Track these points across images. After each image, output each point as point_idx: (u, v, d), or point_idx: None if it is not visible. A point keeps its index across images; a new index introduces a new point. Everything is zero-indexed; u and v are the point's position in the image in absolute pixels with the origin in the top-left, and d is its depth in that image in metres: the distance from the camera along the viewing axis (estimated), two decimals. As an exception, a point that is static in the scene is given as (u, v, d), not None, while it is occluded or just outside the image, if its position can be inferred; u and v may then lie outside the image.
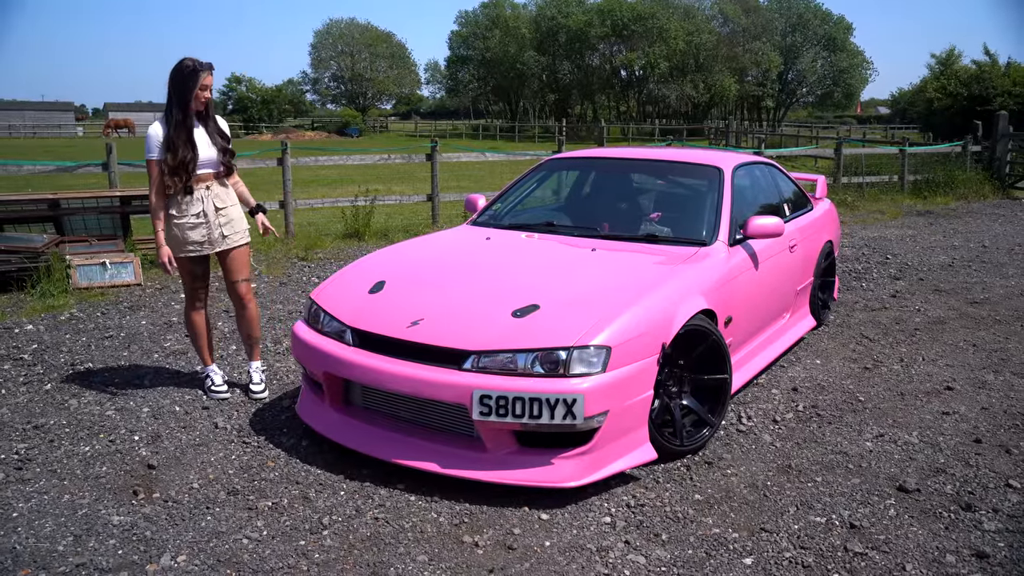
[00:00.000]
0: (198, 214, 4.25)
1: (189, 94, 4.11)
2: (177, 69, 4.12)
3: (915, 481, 3.51)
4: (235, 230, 4.39)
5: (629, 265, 3.99)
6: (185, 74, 4.10)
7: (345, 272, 4.30)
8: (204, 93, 4.16)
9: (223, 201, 4.34)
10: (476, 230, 4.84)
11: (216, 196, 4.31)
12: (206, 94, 4.17)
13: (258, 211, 4.59)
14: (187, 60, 4.13)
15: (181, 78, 4.11)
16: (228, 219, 4.35)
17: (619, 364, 3.29)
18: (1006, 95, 27.64)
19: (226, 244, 4.37)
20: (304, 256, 8.87)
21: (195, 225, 4.25)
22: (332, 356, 3.66)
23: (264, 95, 70.22)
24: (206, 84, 4.15)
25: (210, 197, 4.28)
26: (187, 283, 4.45)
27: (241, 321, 4.57)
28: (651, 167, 5.37)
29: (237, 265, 4.45)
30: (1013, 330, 6.06)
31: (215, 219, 4.29)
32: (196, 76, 4.10)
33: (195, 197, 4.23)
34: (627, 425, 3.38)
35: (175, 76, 4.12)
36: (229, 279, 4.47)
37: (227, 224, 4.35)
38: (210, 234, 4.30)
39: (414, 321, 3.55)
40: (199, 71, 4.11)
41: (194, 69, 4.10)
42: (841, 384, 4.81)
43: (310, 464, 3.72)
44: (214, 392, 4.52)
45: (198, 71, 4.11)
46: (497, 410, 3.19)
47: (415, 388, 3.36)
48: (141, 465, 3.70)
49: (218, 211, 4.31)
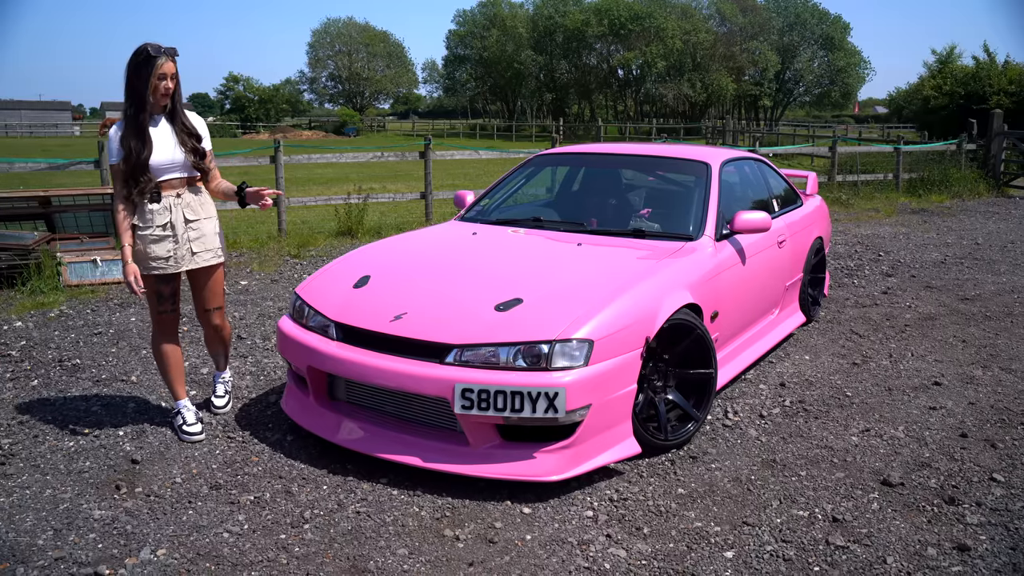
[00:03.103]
0: (164, 226, 3.71)
1: (143, 84, 3.55)
2: (133, 56, 3.57)
3: (899, 475, 3.51)
4: (207, 247, 3.85)
5: (614, 259, 3.98)
6: (139, 61, 3.54)
7: (330, 267, 4.29)
8: (164, 83, 3.58)
9: (195, 213, 3.80)
10: (463, 225, 4.83)
11: (187, 206, 3.76)
12: (166, 84, 3.59)
13: (243, 190, 3.90)
14: (143, 46, 3.56)
15: (134, 66, 3.56)
16: (200, 234, 3.81)
17: (602, 358, 3.28)
18: (1002, 94, 27.63)
19: (195, 262, 3.82)
20: (296, 254, 8.86)
21: (160, 239, 3.71)
22: (316, 350, 3.65)
23: (261, 94, 70.19)
24: (165, 72, 3.56)
25: (180, 207, 3.74)
26: (153, 306, 3.86)
27: (210, 344, 4.23)
28: (639, 162, 5.37)
29: (210, 291, 3.96)
30: (1003, 326, 6.06)
31: (184, 232, 3.76)
32: (151, 63, 3.53)
33: (162, 206, 3.69)
34: (610, 419, 3.38)
35: (130, 64, 3.57)
36: (200, 306, 4.00)
37: (198, 240, 3.81)
38: (177, 249, 3.75)
39: (397, 315, 3.55)
40: (155, 57, 3.52)
41: (148, 55, 3.52)
42: (829, 379, 4.81)
43: (294, 459, 3.71)
44: (186, 433, 3.87)
45: (153, 57, 3.52)
46: (479, 403, 3.18)
47: (397, 382, 3.35)
48: (125, 460, 3.69)
49: (188, 223, 3.77)
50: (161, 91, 3.61)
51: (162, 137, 3.69)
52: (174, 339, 3.97)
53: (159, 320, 3.90)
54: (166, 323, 3.91)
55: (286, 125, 66.17)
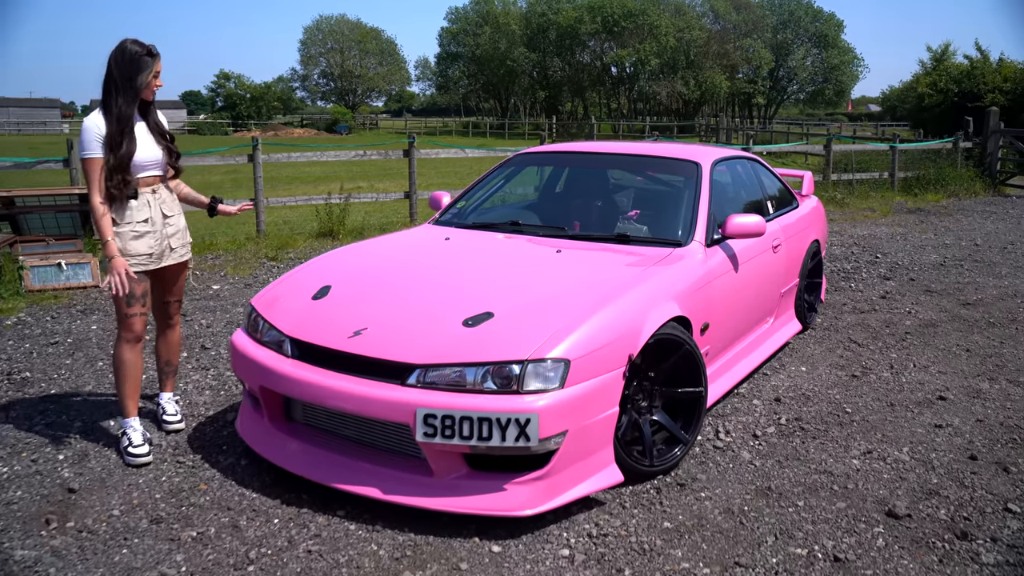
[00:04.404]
0: (145, 220, 3.62)
1: (140, 81, 3.53)
2: (125, 53, 3.52)
3: (906, 505, 3.21)
4: (181, 242, 3.84)
5: (595, 268, 3.67)
6: (136, 58, 3.52)
7: (289, 276, 3.98)
8: (156, 82, 3.62)
9: (171, 208, 3.77)
10: (436, 230, 4.52)
11: (164, 202, 3.74)
12: (158, 83, 3.64)
13: (216, 204, 4.02)
14: (132, 43, 3.54)
15: (131, 62, 3.52)
16: (176, 229, 3.80)
17: (579, 379, 2.98)
18: (996, 91, 27.39)
19: (172, 258, 3.79)
20: (274, 256, 8.53)
21: (140, 234, 3.61)
22: (269, 369, 3.33)
23: (253, 92, 69.75)
24: (158, 71, 3.61)
25: (157, 203, 3.69)
26: (121, 308, 3.63)
27: (162, 344, 4.00)
28: (625, 162, 5.05)
29: (176, 284, 3.92)
30: (1008, 333, 5.77)
31: (162, 228, 3.71)
32: (148, 61, 3.53)
33: (141, 202, 3.61)
34: (589, 446, 3.07)
35: (123, 61, 3.51)
36: (162, 297, 3.90)
37: (175, 235, 3.79)
38: (157, 245, 3.68)
39: (356, 331, 3.23)
40: (152, 56, 3.55)
41: (148, 53, 3.54)
42: (827, 394, 4.51)
43: (246, 487, 3.40)
44: (131, 455, 3.60)
45: (152, 55, 3.55)
46: (443, 431, 2.87)
47: (355, 405, 3.04)
48: (61, 489, 3.37)
49: (166, 219, 3.73)
50: (153, 89, 3.64)
51: (141, 134, 3.67)
52: (139, 347, 3.72)
53: (128, 323, 3.66)
54: (135, 326, 3.68)
55: (278, 123, 65.80)
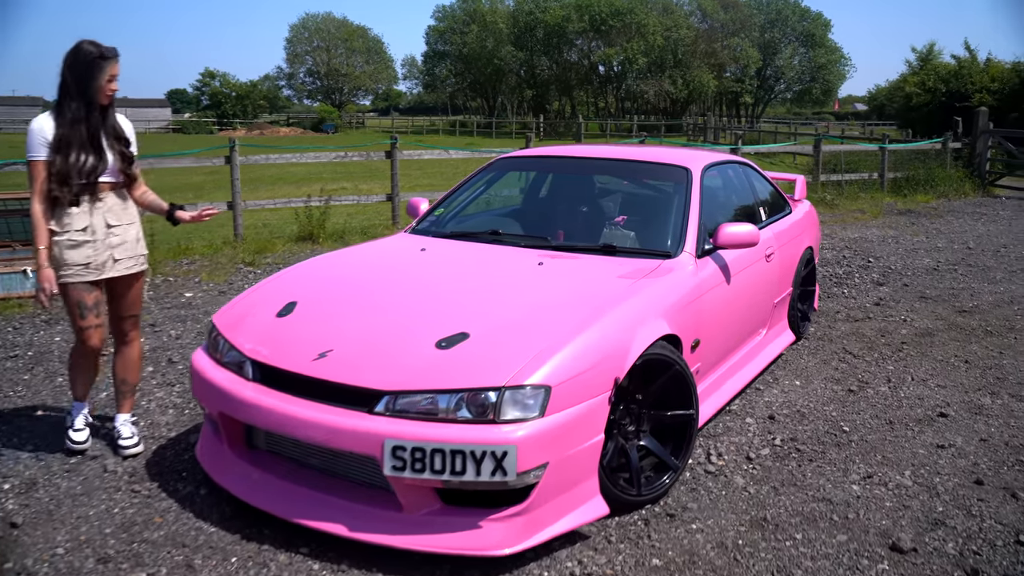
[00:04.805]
0: (83, 229, 3.48)
1: (94, 85, 3.43)
2: (78, 54, 3.42)
3: (911, 537, 3.00)
4: (129, 254, 3.63)
5: (579, 282, 3.44)
6: (89, 60, 3.41)
7: (254, 290, 3.73)
8: (111, 85, 3.48)
9: (118, 218, 3.57)
10: (412, 239, 4.28)
11: (110, 211, 3.55)
12: (113, 86, 3.50)
13: (175, 210, 3.81)
14: (88, 44, 3.44)
15: (85, 65, 3.41)
16: (121, 240, 3.59)
17: (561, 406, 2.75)
18: (984, 91, 27.38)
19: (117, 270, 3.59)
20: (251, 261, 8.26)
21: (77, 243, 3.47)
22: (228, 394, 3.09)
23: (239, 90, 69.18)
24: (114, 75, 3.48)
25: (101, 211, 3.52)
26: (75, 320, 3.57)
27: (119, 362, 3.79)
28: (611, 167, 4.83)
29: (128, 299, 3.71)
30: (1007, 343, 5.59)
31: (105, 238, 3.52)
32: (102, 65, 3.42)
33: (81, 209, 3.47)
34: (572, 477, 2.85)
35: (76, 62, 3.42)
36: (115, 313, 3.73)
37: (120, 246, 3.58)
38: (96, 256, 3.51)
39: (321, 353, 2.99)
40: (107, 58, 3.43)
41: (101, 55, 3.42)
42: (823, 411, 4.30)
43: (204, 519, 3.15)
44: (69, 440, 3.68)
45: (106, 58, 3.43)
46: (413, 464, 2.64)
47: (318, 435, 2.80)
48: (2, 524, 3.12)
49: (110, 228, 3.54)
50: (108, 92, 3.51)
51: (94, 139, 3.51)
52: (96, 356, 3.70)
53: (84, 336, 3.59)
54: (91, 339, 3.59)
55: (264, 121, 65.29)
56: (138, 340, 3.84)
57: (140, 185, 3.75)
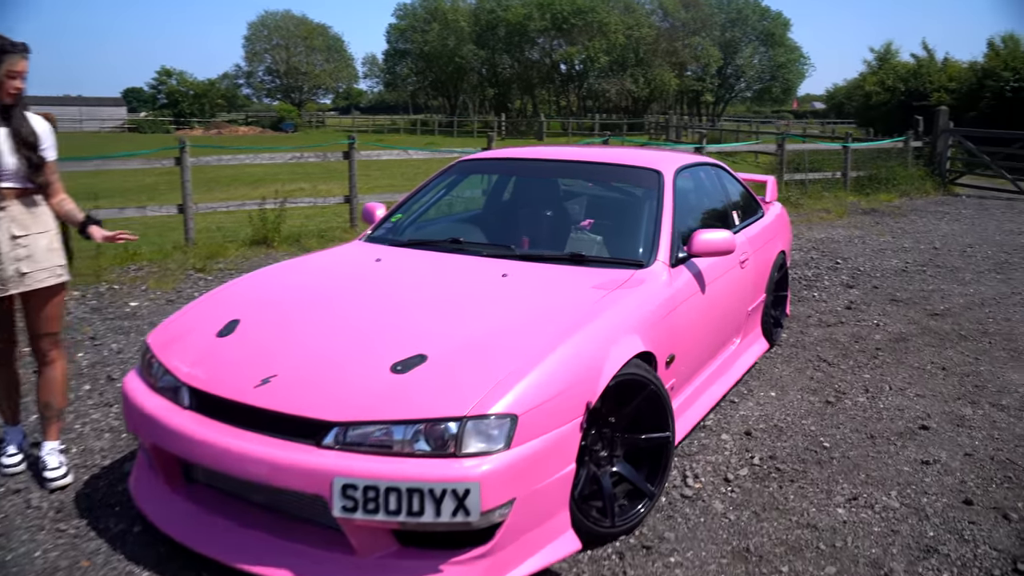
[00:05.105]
0: None
1: None
2: None
3: (903, 568, 2.81)
4: (39, 266, 3.30)
5: (547, 296, 3.19)
6: None
7: (193, 306, 3.43)
8: (13, 83, 3.16)
9: (24, 227, 3.25)
10: (367, 248, 4.00)
11: (15, 220, 3.23)
12: (16, 84, 3.17)
13: (89, 224, 3.44)
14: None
15: None
16: (28, 252, 3.26)
17: (529, 436, 2.51)
18: (942, 90, 27.70)
19: (25, 284, 3.28)
20: (203, 267, 7.89)
21: None
22: (161, 423, 2.80)
23: (196, 89, 67.83)
24: (16, 71, 3.15)
25: (4, 221, 3.21)
26: None
27: (41, 384, 3.49)
28: (578, 170, 4.58)
29: (43, 315, 3.39)
30: (982, 348, 5.46)
31: (9, 250, 3.22)
32: (3, 58, 3.10)
33: None
34: (541, 512, 2.61)
35: None
36: (32, 331, 3.42)
37: (27, 259, 3.26)
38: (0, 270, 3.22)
39: (265, 378, 2.71)
40: (7, 52, 3.11)
41: (4, 49, 3.10)
42: (801, 425, 4.11)
43: (137, 563, 2.85)
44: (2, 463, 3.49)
45: (6, 52, 3.11)
46: (365, 504, 2.37)
47: (260, 472, 2.53)
48: (-94, 572, 2.80)
49: (14, 240, 3.22)
50: (10, 90, 3.19)
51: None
52: (10, 367, 3.52)
53: None
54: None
55: (222, 120, 64.12)
56: (61, 360, 3.51)
57: (58, 192, 3.42)
